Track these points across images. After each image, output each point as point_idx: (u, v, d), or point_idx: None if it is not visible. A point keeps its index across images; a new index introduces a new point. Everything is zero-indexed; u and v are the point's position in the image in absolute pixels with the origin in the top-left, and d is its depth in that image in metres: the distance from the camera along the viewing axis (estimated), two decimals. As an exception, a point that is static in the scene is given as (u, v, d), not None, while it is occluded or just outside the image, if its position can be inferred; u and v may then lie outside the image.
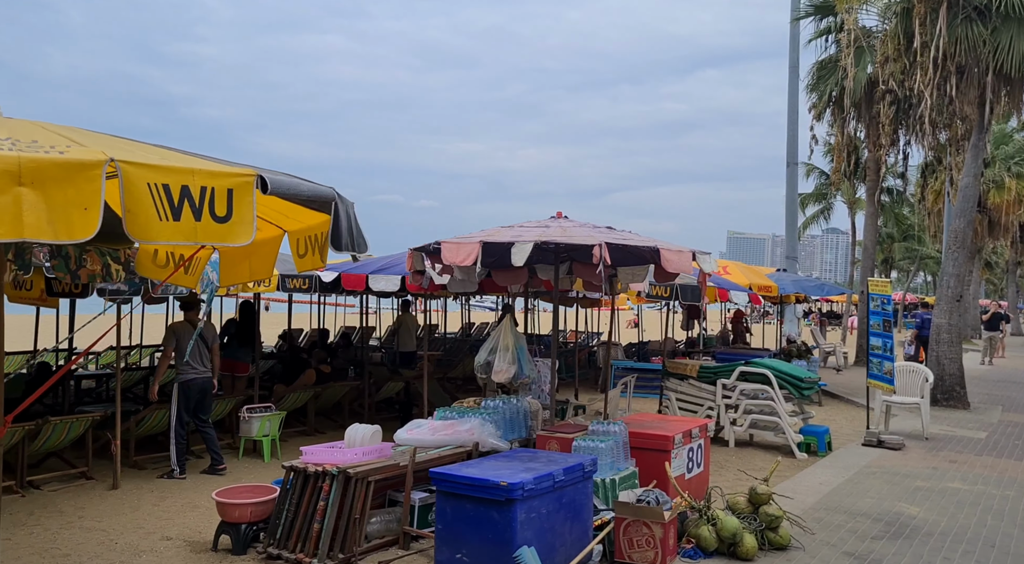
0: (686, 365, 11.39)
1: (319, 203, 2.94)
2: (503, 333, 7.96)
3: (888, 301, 10.44)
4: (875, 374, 10.76)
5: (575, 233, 5.81)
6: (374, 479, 5.63)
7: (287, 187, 2.75)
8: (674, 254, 5.77)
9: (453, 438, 6.69)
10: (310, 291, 9.24)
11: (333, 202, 2.92)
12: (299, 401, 10.61)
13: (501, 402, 7.28)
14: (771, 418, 10.60)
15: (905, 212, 43.09)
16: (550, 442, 6.42)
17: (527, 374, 7.94)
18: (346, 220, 3.04)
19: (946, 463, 9.66)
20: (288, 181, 2.76)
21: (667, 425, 7.09)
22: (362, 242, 3.31)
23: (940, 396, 14.54)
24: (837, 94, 21.31)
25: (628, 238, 5.94)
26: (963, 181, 14.93)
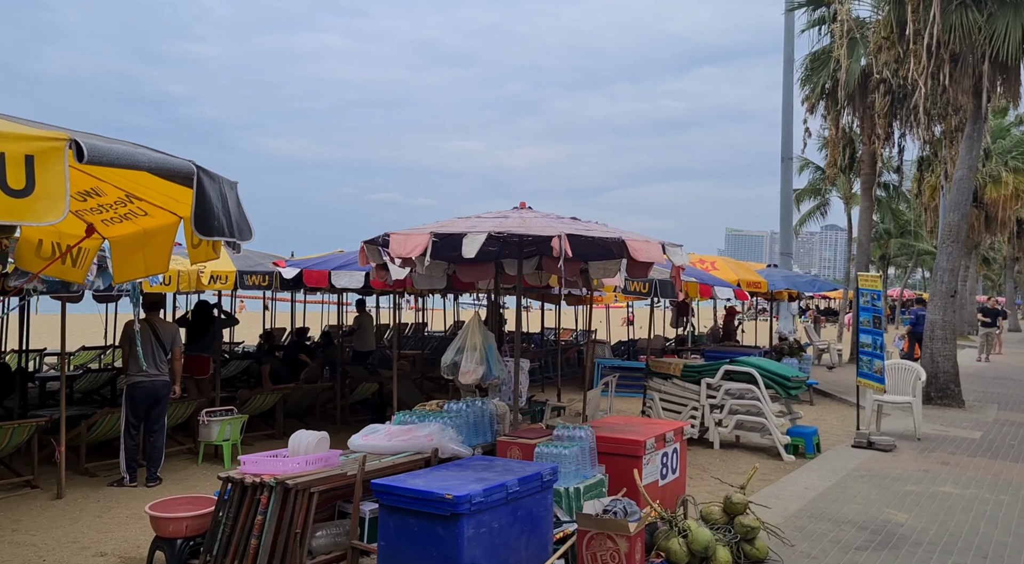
0: (669, 364, 10.99)
1: (180, 178, 2.49)
2: (470, 332, 7.55)
3: (879, 297, 10.03)
4: (865, 372, 10.36)
5: (534, 224, 5.41)
6: (318, 490, 5.22)
7: (117, 156, 2.30)
8: (642, 243, 5.37)
9: (411, 444, 6.27)
10: (270, 288, 8.84)
11: (194, 176, 2.47)
12: (266, 403, 10.20)
13: (465, 405, 6.87)
14: (757, 419, 10.20)
15: (902, 208, 42.69)
16: (511, 448, 6.02)
17: (496, 375, 7.53)
18: (218, 200, 2.60)
19: (938, 465, 9.27)
20: (120, 149, 2.31)
21: (640, 429, 6.69)
22: (244, 228, 2.86)
23: (934, 394, 14.15)
24: (830, 86, 20.92)
25: (592, 229, 5.54)
26: (958, 173, 14.52)
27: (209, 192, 2.51)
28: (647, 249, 5.36)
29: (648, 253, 5.36)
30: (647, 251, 5.36)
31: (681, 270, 6.14)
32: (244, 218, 2.86)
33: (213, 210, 2.53)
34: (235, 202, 2.78)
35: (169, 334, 8.07)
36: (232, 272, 8.53)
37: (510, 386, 7.82)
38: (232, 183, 2.83)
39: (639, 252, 5.33)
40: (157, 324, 7.98)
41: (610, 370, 15.95)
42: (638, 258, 5.40)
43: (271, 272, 8.90)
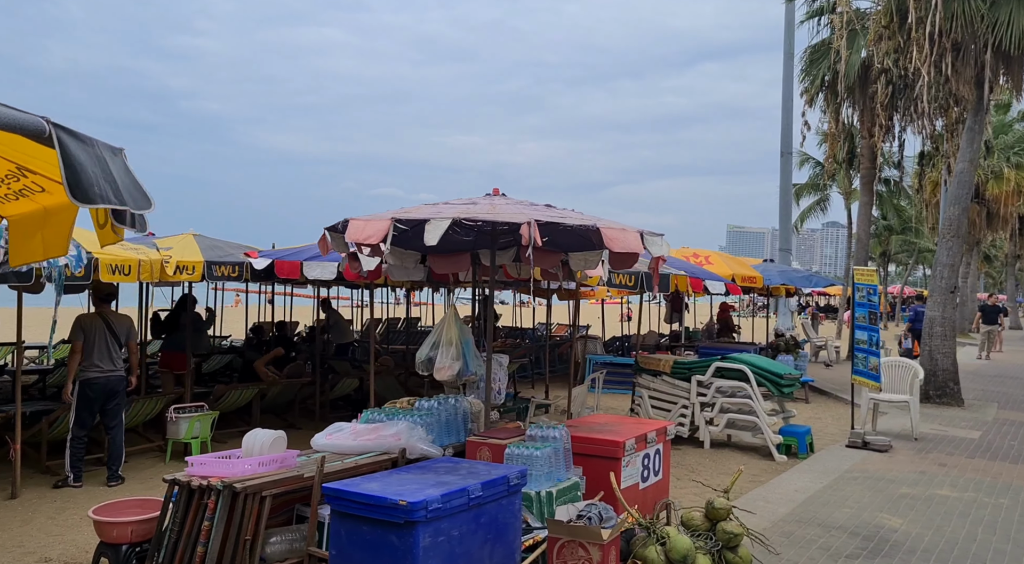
0: (659, 361, 10.65)
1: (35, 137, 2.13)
2: (446, 326, 7.20)
3: (875, 292, 9.69)
4: (860, 370, 10.02)
5: (504, 211, 5.06)
6: (271, 494, 4.88)
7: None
8: (617, 232, 5.02)
9: (377, 444, 5.94)
10: (240, 279, 8.50)
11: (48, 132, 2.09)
12: (242, 399, 9.87)
13: (436, 403, 6.54)
14: (749, 418, 9.87)
15: (903, 204, 42.29)
16: (481, 449, 5.68)
17: (473, 371, 7.19)
18: (94, 164, 2.22)
19: (935, 466, 8.93)
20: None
21: (620, 428, 6.35)
22: (139, 197, 2.47)
23: (932, 392, 13.81)
24: (830, 79, 20.53)
25: (566, 216, 5.19)
26: (959, 166, 14.17)
27: (77, 153, 2.16)
28: (623, 238, 5.01)
29: (624, 242, 5.01)
30: (623, 240, 5.01)
31: (661, 261, 5.79)
32: (138, 187, 2.50)
33: (88, 174, 2.18)
34: (121, 168, 2.43)
35: (124, 327, 7.72)
36: (199, 262, 8.18)
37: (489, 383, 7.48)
38: (116, 149, 2.48)
39: (614, 241, 4.98)
40: (110, 317, 7.63)
41: (601, 366, 15.63)
42: (613, 247, 5.05)
43: (241, 263, 8.55)
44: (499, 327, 25.15)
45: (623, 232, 5.04)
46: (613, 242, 4.98)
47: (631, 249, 5.05)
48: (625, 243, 5.00)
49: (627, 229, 5.13)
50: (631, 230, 5.14)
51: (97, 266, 6.71)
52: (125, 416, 8.66)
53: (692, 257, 14.05)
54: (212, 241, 9.25)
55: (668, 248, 5.51)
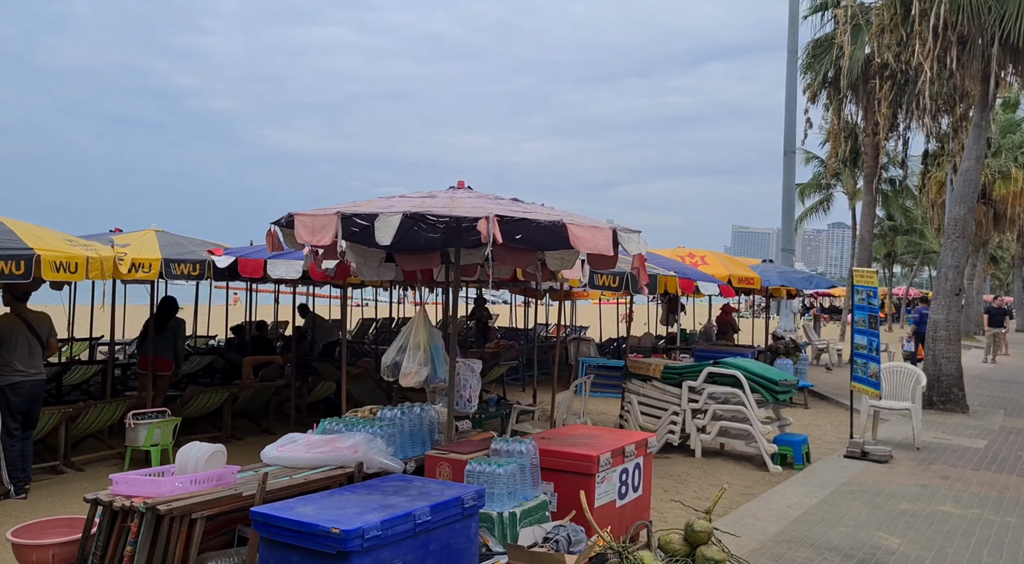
0: (649, 365, 10.19)
1: None
2: (414, 329, 6.76)
3: (874, 294, 9.22)
4: (859, 376, 9.55)
5: (464, 204, 4.61)
6: (202, 516, 4.45)
7: None
8: (586, 230, 4.55)
9: (332, 457, 5.50)
10: (201, 278, 8.05)
11: None
12: (212, 403, 9.44)
13: (399, 412, 6.09)
14: (742, 426, 9.41)
15: (909, 204, 41.70)
16: (440, 465, 5.24)
17: (442, 377, 6.75)
18: None
19: (937, 479, 8.46)
20: None
21: (596, 441, 5.90)
22: None
23: (936, 399, 13.33)
24: (833, 75, 20.06)
25: (531, 211, 4.73)
26: (964, 164, 13.68)
27: None
28: (592, 238, 4.55)
29: (593, 242, 4.55)
30: (591, 240, 4.55)
31: (642, 260, 5.34)
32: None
33: None
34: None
35: (45, 326, 7.27)
36: (157, 260, 7.73)
37: (459, 390, 7.03)
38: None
39: (581, 241, 4.52)
40: (29, 316, 7.17)
41: (594, 369, 15.17)
42: (580, 248, 4.59)
43: (203, 261, 8.10)
44: (496, 328, 24.72)
45: (593, 231, 4.58)
46: (580, 242, 4.52)
47: (600, 250, 4.59)
48: (594, 244, 4.54)
49: (599, 226, 4.67)
50: (603, 227, 4.68)
51: (39, 263, 6.27)
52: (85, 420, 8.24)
53: (687, 257, 13.58)
54: (175, 238, 8.80)
55: (646, 246, 5.05)
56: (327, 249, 5.90)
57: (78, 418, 8.09)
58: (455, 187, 5.41)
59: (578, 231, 4.52)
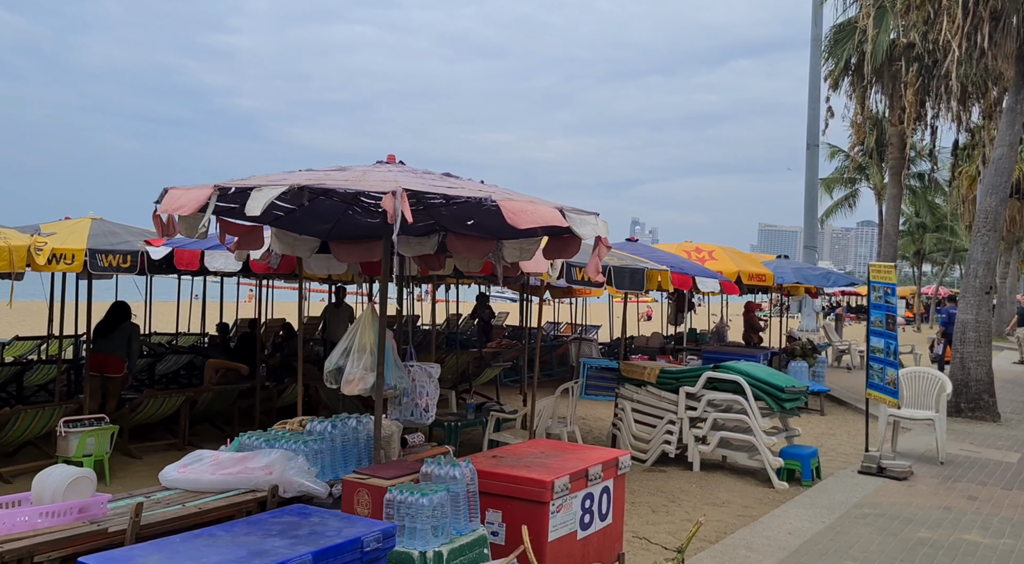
0: (643, 369, 9.30)
1: None
2: (361, 329, 5.94)
3: (892, 291, 8.26)
4: (875, 383, 8.61)
5: (373, 178, 3.78)
6: (50, 558, 3.66)
7: None
8: (523, 205, 3.69)
9: (241, 479, 4.71)
10: (132, 271, 7.30)
11: None
12: (165, 408, 8.70)
13: (331, 425, 5.28)
14: (745, 437, 8.51)
15: (938, 200, 40.29)
16: (359, 492, 4.41)
17: (392, 384, 5.93)
18: None
19: (963, 500, 7.50)
20: None
21: (556, 461, 5.04)
22: None
23: (964, 405, 12.30)
24: (856, 61, 18.96)
25: (456, 186, 3.88)
26: (996, 151, 12.62)
27: None
28: (531, 212, 3.69)
29: (531, 218, 3.68)
30: (529, 215, 3.68)
31: (604, 246, 4.47)
32: None
33: None
34: None
35: None
36: (80, 250, 6.97)
37: (413, 397, 6.21)
38: None
39: (518, 216, 3.66)
40: None
41: (596, 371, 14.30)
42: (518, 224, 3.72)
43: (135, 252, 7.32)
44: (502, 326, 23.88)
45: (532, 206, 3.72)
46: (517, 217, 3.67)
47: (539, 222, 3.72)
48: (533, 217, 3.68)
49: (538, 202, 3.81)
50: (544, 204, 3.82)
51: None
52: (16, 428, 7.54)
53: (694, 252, 12.67)
54: (111, 226, 8.03)
55: (604, 228, 4.19)
56: (246, 237, 5.11)
57: (6, 425, 7.37)
58: (384, 161, 4.58)
59: (512, 207, 3.67)
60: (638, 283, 7.60)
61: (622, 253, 8.36)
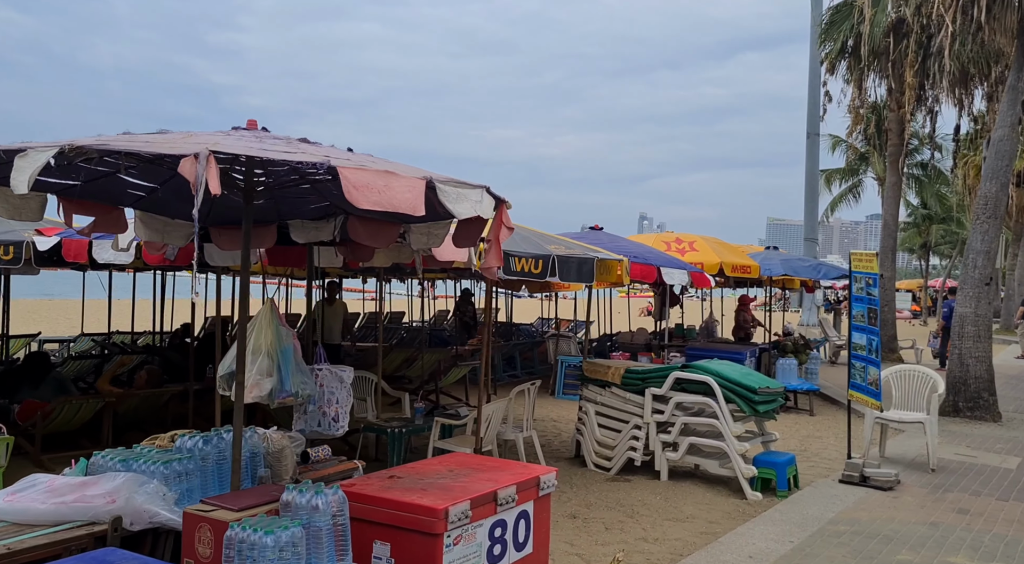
0: (607, 368, 8.55)
1: None
2: (257, 329, 5.22)
3: (875, 282, 7.48)
4: (858, 384, 7.84)
5: (190, 141, 3.04)
6: None
7: None
8: (368, 177, 2.94)
9: (79, 509, 3.99)
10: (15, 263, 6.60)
11: None
12: (83, 415, 8.00)
13: (203, 440, 4.55)
14: (715, 442, 7.76)
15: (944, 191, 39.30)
16: (201, 526, 3.69)
17: (292, 390, 5.21)
18: None
19: (952, 514, 6.73)
20: None
21: (462, 481, 4.31)
22: None
23: (963, 405, 11.51)
24: (853, 43, 18.11)
25: (294, 151, 3.12)
26: (997, 133, 11.80)
27: None
28: (378, 189, 2.94)
29: (378, 196, 2.94)
30: (376, 192, 2.93)
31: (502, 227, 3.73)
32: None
33: None
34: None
35: None
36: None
37: (320, 407, 5.49)
38: None
39: (360, 192, 2.90)
40: None
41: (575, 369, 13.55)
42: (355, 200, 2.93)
43: (19, 242, 6.60)
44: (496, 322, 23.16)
45: (382, 178, 2.97)
46: (359, 192, 2.91)
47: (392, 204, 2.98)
48: (380, 196, 2.94)
49: (394, 173, 3.05)
50: (399, 175, 3.06)
51: None
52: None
53: (674, 243, 11.93)
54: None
55: (489, 204, 3.45)
56: (103, 219, 4.38)
57: None
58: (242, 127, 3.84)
59: (355, 178, 2.92)
60: (587, 275, 6.85)
61: (571, 241, 7.61)
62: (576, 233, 9.27)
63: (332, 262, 6.66)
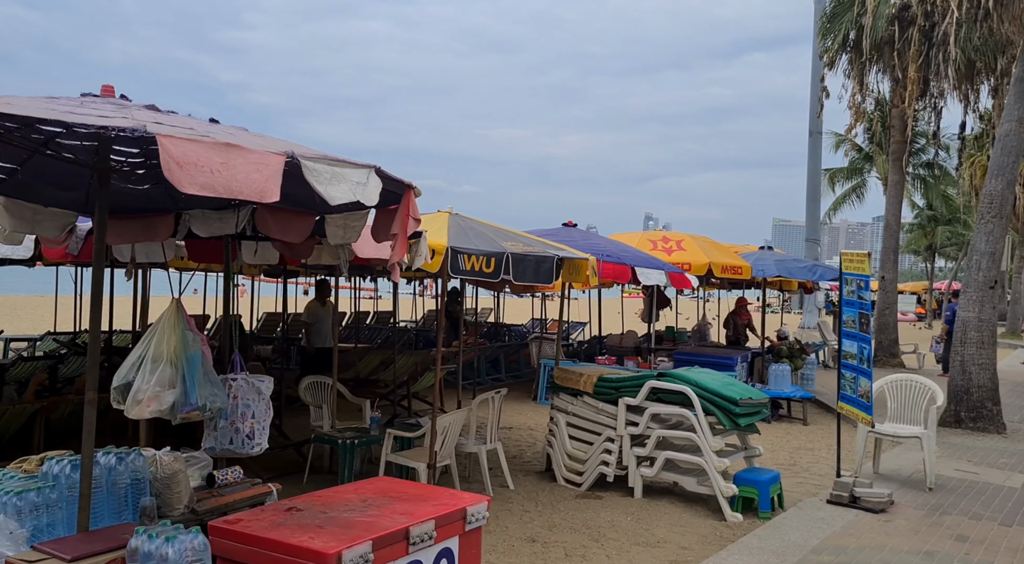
0: (579, 376, 7.92)
1: None
2: (158, 334, 4.62)
3: (866, 285, 6.84)
4: (848, 396, 7.20)
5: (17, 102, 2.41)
6: None
7: None
8: (198, 151, 2.31)
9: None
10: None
11: None
12: (13, 423, 7.41)
13: (71, 466, 3.93)
14: (693, 458, 7.13)
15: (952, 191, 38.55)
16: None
17: (199, 403, 4.60)
18: None
19: (950, 542, 6.09)
20: None
21: (370, 516, 3.69)
22: None
23: (964, 415, 10.86)
24: (855, 36, 17.45)
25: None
26: (1003, 127, 11.14)
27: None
28: (209, 167, 2.31)
29: (208, 177, 2.31)
30: (206, 171, 2.31)
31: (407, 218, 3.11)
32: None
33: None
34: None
35: None
36: None
37: (232, 421, 4.87)
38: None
39: (184, 171, 2.27)
40: None
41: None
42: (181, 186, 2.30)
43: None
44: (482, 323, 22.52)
45: (216, 151, 2.35)
46: (183, 171, 2.30)
47: (228, 186, 2.36)
48: (212, 177, 2.32)
49: (240, 146, 2.43)
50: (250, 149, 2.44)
51: None
52: None
53: (660, 241, 11.31)
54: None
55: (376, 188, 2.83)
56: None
57: None
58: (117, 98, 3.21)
59: (177, 151, 2.30)
60: (545, 275, 6.23)
61: (533, 238, 6.98)
62: (548, 230, 8.67)
63: (266, 258, 6.05)
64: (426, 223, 6.29)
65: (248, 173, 2.38)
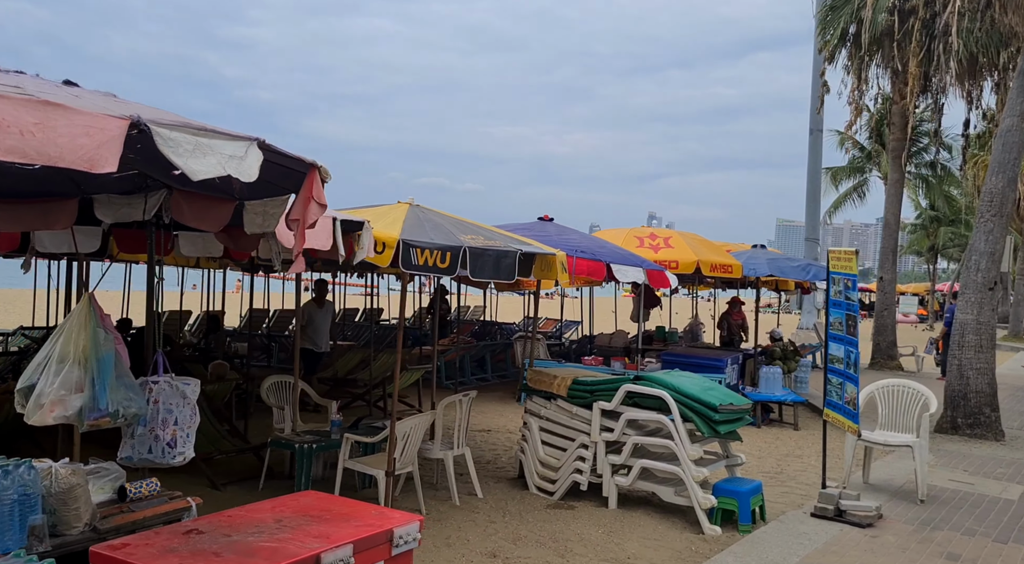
0: (552, 379, 7.50)
1: None
2: (66, 333, 4.22)
3: (853, 285, 6.41)
4: (834, 402, 6.78)
5: None
6: None
7: None
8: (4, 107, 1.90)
9: None
10: None
11: None
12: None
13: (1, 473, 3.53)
14: (670, 466, 6.71)
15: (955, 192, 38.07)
16: None
17: (110, 409, 4.20)
18: None
19: (939, 561, 5.66)
20: None
21: (278, 540, 3.29)
22: None
23: (961, 421, 10.43)
24: (854, 30, 17.00)
25: None
26: (1005, 122, 10.70)
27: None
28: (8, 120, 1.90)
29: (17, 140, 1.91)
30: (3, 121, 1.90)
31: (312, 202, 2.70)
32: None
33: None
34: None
35: None
36: None
37: (152, 428, 4.46)
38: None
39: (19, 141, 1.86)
40: None
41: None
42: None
43: None
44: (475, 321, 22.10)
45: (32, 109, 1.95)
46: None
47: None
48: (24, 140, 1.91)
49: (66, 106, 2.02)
50: (80, 109, 2.03)
51: None
52: None
53: (647, 238, 10.90)
54: None
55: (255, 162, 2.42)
56: None
57: None
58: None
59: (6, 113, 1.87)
60: (507, 271, 5.81)
61: (498, 231, 6.57)
62: (522, 224, 8.25)
63: (210, 251, 5.64)
64: (381, 214, 5.88)
65: (73, 137, 1.98)
